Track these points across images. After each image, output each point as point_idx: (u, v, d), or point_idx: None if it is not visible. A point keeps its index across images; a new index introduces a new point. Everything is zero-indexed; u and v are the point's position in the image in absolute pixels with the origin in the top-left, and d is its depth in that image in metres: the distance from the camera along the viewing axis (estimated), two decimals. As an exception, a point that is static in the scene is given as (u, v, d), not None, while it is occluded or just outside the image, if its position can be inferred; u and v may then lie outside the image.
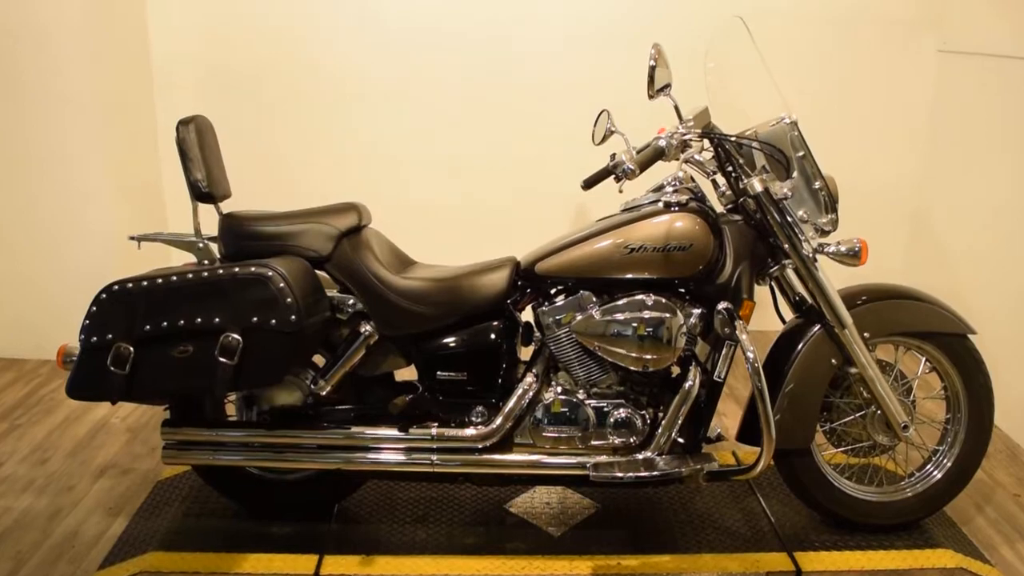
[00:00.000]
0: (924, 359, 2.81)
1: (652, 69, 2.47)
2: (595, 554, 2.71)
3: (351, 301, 2.69)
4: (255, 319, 2.46)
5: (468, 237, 4.58)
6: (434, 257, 3.00)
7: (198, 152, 2.67)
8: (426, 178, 4.65)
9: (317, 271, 2.69)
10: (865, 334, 2.69)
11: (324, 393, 2.69)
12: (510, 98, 4.59)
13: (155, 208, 4.51)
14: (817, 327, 2.70)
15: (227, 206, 2.79)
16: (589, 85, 4.46)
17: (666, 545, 2.75)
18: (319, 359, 2.80)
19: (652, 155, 2.47)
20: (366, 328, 2.67)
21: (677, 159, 2.59)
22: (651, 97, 2.50)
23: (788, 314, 2.85)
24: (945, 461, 2.83)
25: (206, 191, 2.66)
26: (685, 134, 2.54)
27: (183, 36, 4.49)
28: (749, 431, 2.74)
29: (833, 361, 2.70)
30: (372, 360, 2.73)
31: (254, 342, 2.46)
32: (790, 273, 2.75)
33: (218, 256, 2.74)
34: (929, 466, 2.85)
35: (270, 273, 2.47)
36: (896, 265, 4.59)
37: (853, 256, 2.58)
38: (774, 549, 2.74)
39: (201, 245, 2.71)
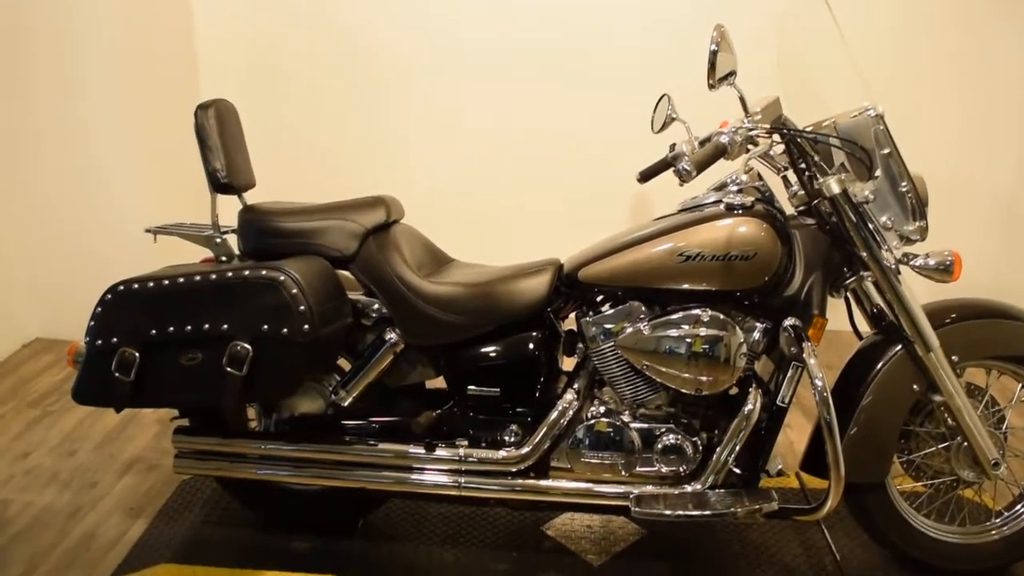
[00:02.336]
0: (1021, 386, 2.38)
1: (714, 54, 2.04)
2: (637, 589, 2.37)
3: (376, 306, 2.36)
4: (265, 327, 2.14)
5: (512, 232, 4.24)
6: (473, 254, 2.65)
7: (217, 139, 2.35)
8: (467, 168, 4.28)
9: (341, 271, 2.37)
10: (953, 357, 2.25)
11: (346, 404, 2.37)
12: (560, 81, 4.16)
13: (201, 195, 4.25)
14: (897, 347, 2.27)
15: (253, 196, 2.49)
16: (650, 68, 4.01)
17: (716, 583, 2.40)
18: (344, 362, 2.49)
19: (712, 154, 2.05)
20: (391, 336, 2.34)
21: (742, 157, 2.18)
22: (712, 87, 2.08)
23: (865, 328, 2.44)
24: (1040, 501, 2.40)
25: (225, 181, 2.34)
26: (751, 129, 2.11)
27: (221, 20, 4.21)
28: (814, 461, 2.34)
29: (915, 387, 2.27)
30: (398, 370, 2.40)
31: (264, 352, 2.15)
32: (869, 285, 2.34)
33: (237, 252, 2.45)
34: (1020, 506, 2.40)
35: (282, 278, 2.14)
36: (984, 277, 3.98)
37: (943, 271, 2.14)
38: (839, 594, 2.36)
39: (219, 240, 2.40)
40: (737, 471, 2.27)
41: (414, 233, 2.50)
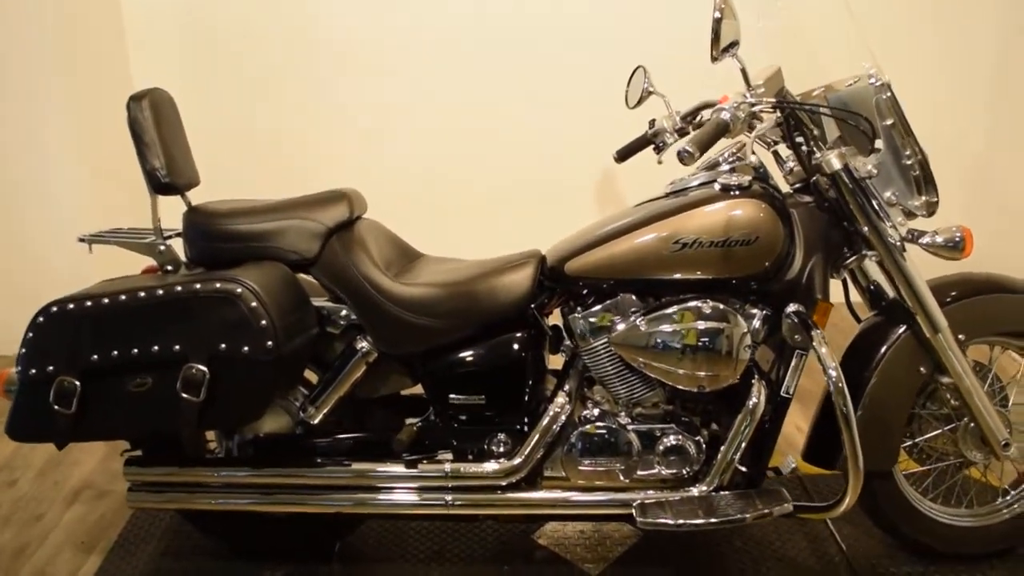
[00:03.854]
0: (1024, 361, 2.23)
1: (717, 23, 1.78)
2: (640, 598, 2.17)
3: (344, 312, 2.08)
4: (223, 346, 1.86)
5: (481, 222, 3.93)
6: (442, 247, 2.39)
7: (155, 134, 2.03)
8: (431, 155, 3.96)
9: (302, 275, 2.09)
10: (960, 336, 2.08)
11: (315, 421, 2.10)
12: (526, 57, 3.86)
13: (136, 196, 3.87)
14: (902, 328, 2.08)
15: (197, 196, 2.19)
16: (621, 39, 3.75)
17: (722, 584, 2.20)
18: (311, 374, 2.21)
19: (714, 132, 1.80)
20: (363, 344, 2.07)
21: (744, 134, 1.96)
22: (715, 59, 1.84)
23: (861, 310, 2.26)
24: (1048, 478, 2.26)
25: (166, 181, 2.02)
26: (755, 104, 1.88)
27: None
28: (818, 451, 2.17)
29: (922, 369, 2.09)
30: (371, 381, 2.12)
31: (223, 374, 1.87)
32: (868, 263, 2.15)
33: (183, 259, 2.14)
34: (1028, 484, 2.28)
35: (239, 290, 1.86)
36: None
37: (953, 248, 1.95)
38: (849, 587, 2.19)
39: (162, 247, 2.08)
40: (743, 469, 2.07)
41: (380, 229, 2.23)
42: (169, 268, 2.09)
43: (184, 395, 1.86)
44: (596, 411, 2.08)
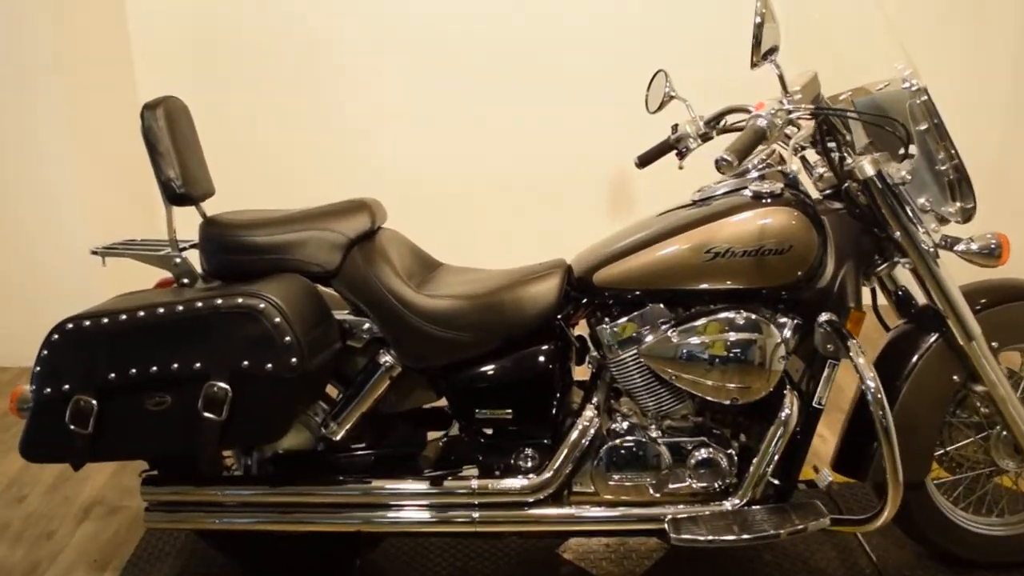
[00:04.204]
0: (1056, 367, 2.18)
1: (759, 27, 1.73)
2: (671, 614, 2.12)
3: (366, 325, 2.02)
4: (246, 363, 1.79)
5: (500, 229, 3.86)
6: (462, 257, 2.33)
7: (169, 143, 1.96)
8: (444, 163, 3.88)
9: (323, 288, 2.03)
10: (992, 343, 2.04)
11: (337, 437, 2.04)
12: (546, 61, 3.78)
13: (144, 205, 3.79)
14: (934, 336, 2.03)
15: (211, 207, 2.12)
16: (642, 43, 3.68)
17: (752, 598, 2.15)
18: (331, 389, 2.15)
19: (752, 139, 1.74)
20: (386, 359, 2.01)
21: (782, 143, 1.90)
22: (755, 64, 1.78)
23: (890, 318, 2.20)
24: (1078, 485, 2.22)
25: (181, 192, 1.96)
26: (792, 111, 1.83)
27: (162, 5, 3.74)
28: (847, 461, 2.12)
29: (955, 377, 2.04)
30: (394, 395, 2.06)
31: (246, 392, 1.80)
32: (898, 270, 2.10)
33: (200, 272, 2.08)
34: (1059, 491, 2.23)
35: (262, 305, 1.79)
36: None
37: (988, 255, 1.90)
38: (881, 599, 2.14)
39: (178, 260, 2.01)
40: (775, 482, 2.02)
41: (400, 239, 2.16)
42: (185, 281, 2.02)
43: (206, 414, 1.79)
44: (625, 424, 2.02)
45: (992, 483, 2.22)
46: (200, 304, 1.82)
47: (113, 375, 1.82)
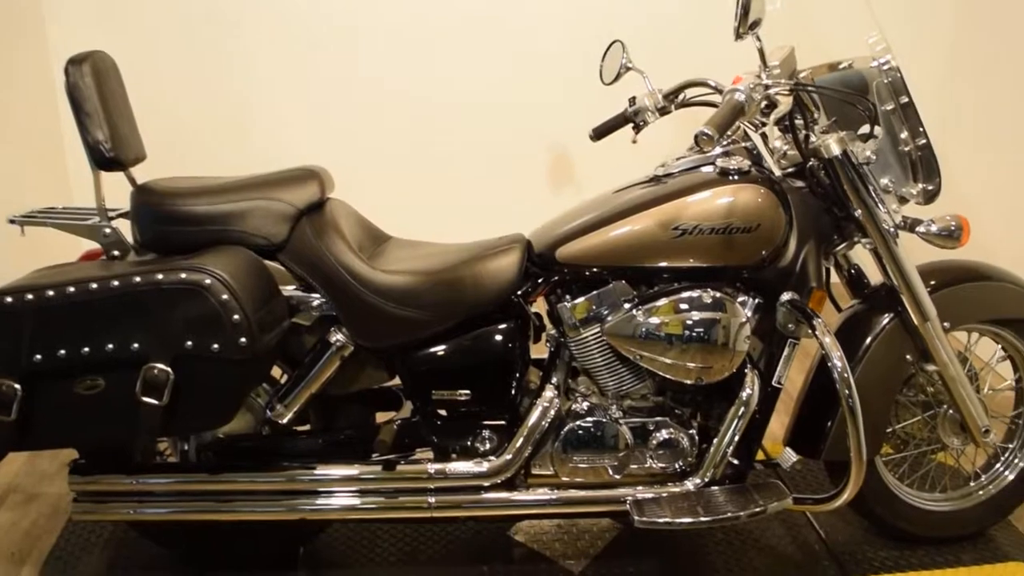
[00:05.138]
0: (1000, 347, 2.22)
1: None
2: (627, 595, 2.08)
3: (316, 302, 1.90)
4: (189, 344, 1.65)
5: (446, 201, 3.70)
6: (408, 230, 2.22)
7: (98, 103, 1.78)
8: (396, 131, 3.67)
9: (269, 262, 1.89)
10: (944, 324, 2.06)
11: (284, 420, 1.91)
12: (501, 32, 3.61)
13: (56, 172, 3.49)
14: (889, 316, 2.04)
15: (141, 173, 1.95)
16: (598, 13, 3.55)
17: (707, 576, 2.14)
18: (276, 369, 2.01)
19: (731, 113, 1.68)
20: (337, 338, 1.88)
21: (760, 118, 1.85)
22: (740, 36, 1.72)
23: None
24: (1017, 461, 2.23)
25: (111, 156, 1.78)
26: (771, 86, 1.77)
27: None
28: (802, 439, 2.11)
29: (908, 357, 2.06)
30: (345, 376, 1.94)
31: (190, 374, 1.66)
32: (854, 250, 2.10)
33: (131, 243, 1.91)
34: (999, 466, 2.25)
35: (208, 281, 1.65)
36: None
37: (949, 237, 1.90)
38: (831, 575, 2.15)
39: (108, 231, 1.84)
40: (734, 462, 2.00)
41: (349, 210, 2.03)
42: (116, 254, 1.85)
43: (145, 399, 1.65)
44: (585, 405, 1.96)
45: (935, 460, 2.27)
46: (138, 279, 1.66)
47: (39, 357, 1.64)
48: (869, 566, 2.16)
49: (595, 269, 1.91)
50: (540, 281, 1.97)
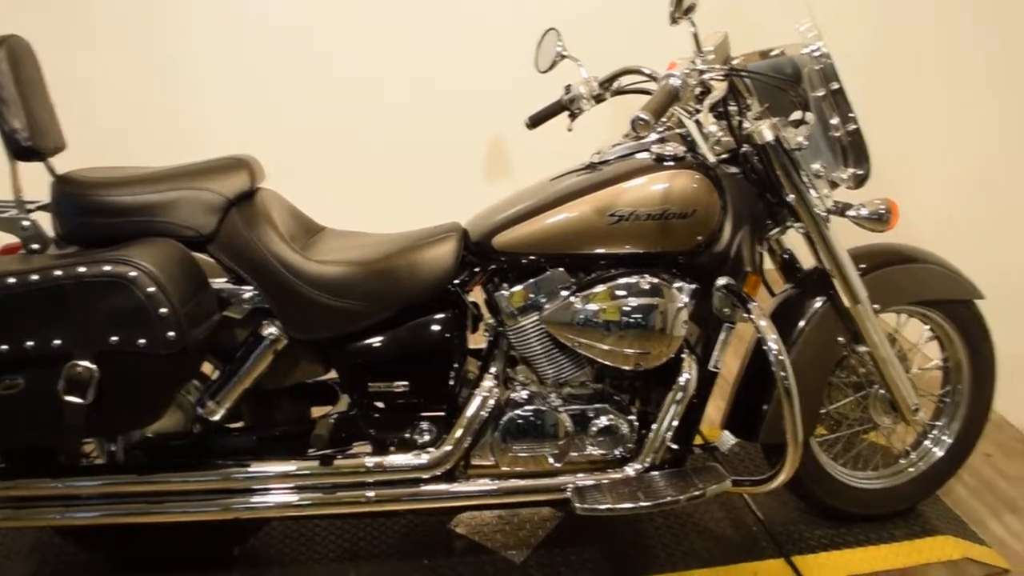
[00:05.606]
0: (927, 328, 2.28)
1: (684, -19, 1.68)
2: (569, 583, 2.07)
3: (248, 295, 1.84)
4: (115, 339, 1.59)
5: (378, 192, 3.62)
6: (339, 221, 2.17)
7: (14, 90, 1.69)
8: (331, 121, 3.56)
9: (197, 254, 1.83)
10: (875, 306, 2.10)
11: (216, 417, 1.86)
12: (437, 18, 3.54)
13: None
14: (821, 299, 2.08)
15: (61, 163, 1.87)
16: (533, 2, 3.50)
17: (648, 562, 2.11)
18: (207, 365, 1.94)
19: (666, 98, 1.67)
20: (270, 331, 1.83)
21: (694, 105, 1.85)
22: (675, 21, 1.72)
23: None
24: (945, 437, 2.31)
25: (28, 144, 1.70)
26: (705, 71, 1.78)
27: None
28: (739, 422, 2.14)
29: (840, 339, 2.10)
30: (278, 370, 1.89)
31: (115, 371, 1.60)
32: (785, 235, 2.13)
33: (52, 236, 1.83)
34: (927, 443, 2.31)
35: (133, 273, 1.58)
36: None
37: (878, 220, 1.93)
38: (769, 555, 2.14)
39: (27, 223, 1.76)
40: (673, 447, 2.01)
41: (280, 200, 1.97)
42: (35, 247, 1.76)
43: (68, 398, 1.58)
44: (524, 393, 1.95)
45: (867, 440, 2.32)
46: (59, 272, 1.58)
47: (-49, 355, 1.57)
48: (806, 545, 2.20)
49: (532, 257, 1.89)
50: (477, 270, 1.95)
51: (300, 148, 3.52)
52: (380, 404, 1.92)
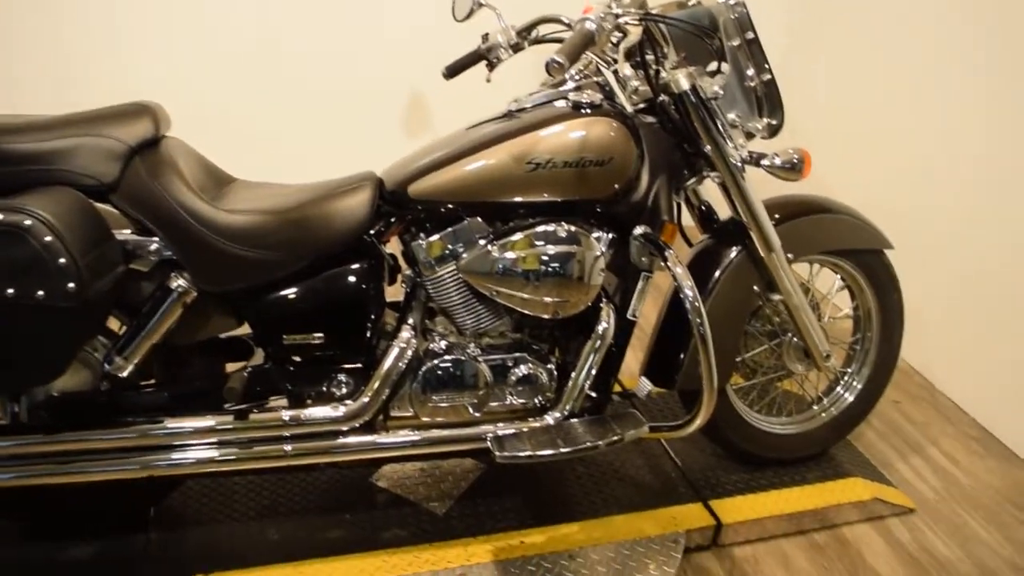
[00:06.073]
0: (839, 277, 2.33)
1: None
2: (491, 532, 2.05)
3: (154, 246, 1.77)
4: (11, 292, 1.51)
5: (295, 143, 3.50)
6: (254, 172, 2.10)
7: None
8: (245, 72, 3.41)
9: (99, 205, 1.75)
10: (788, 255, 2.12)
11: (125, 374, 1.80)
12: None
13: None
14: (736, 249, 2.10)
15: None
16: None
17: (570, 509, 2.14)
18: (114, 320, 1.88)
19: (581, 42, 1.65)
20: (178, 283, 1.77)
21: (611, 54, 1.84)
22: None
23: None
24: (855, 383, 2.38)
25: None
26: (620, 15, 1.76)
27: None
28: (657, 369, 2.17)
29: (755, 288, 2.13)
30: (189, 324, 1.84)
31: (12, 325, 1.53)
32: (702, 186, 2.14)
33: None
34: (839, 388, 2.38)
35: (28, 222, 1.51)
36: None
37: (791, 169, 1.95)
38: (688, 500, 2.19)
39: (-89, 173, 1.68)
40: (592, 395, 2.03)
41: (188, 149, 1.89)
42: (-78, 198, 1.68)
43: (-40, 353, 1.51)
44: (443, 344, 1.94)
45: (781, 387, 2.38)
46: (-54, 221, 1.50)
47: None
48: (723, 489, 2.25)
49: (450, 206, 1.86)
50: (393, 220, 1.92)
51: (217, 102, 3.37)
52: (296, 357, 1.88)
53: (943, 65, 2.88)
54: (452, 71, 2.24)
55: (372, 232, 1.90)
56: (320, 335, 1.86)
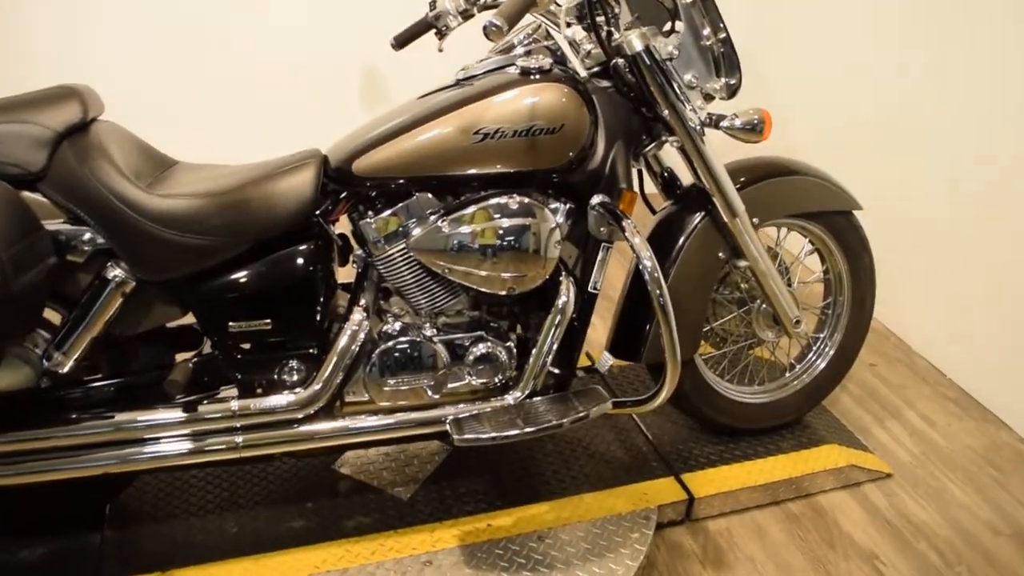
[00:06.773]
0: (808, 240, 2.26)
1: None
2: (458, 516, 1.98)
3: (87, 236, 1.68)
4: (-72, 288, 1.45)
5: (240, 123, 3.41)
6: (198, 155, 2.02)
7: None
8: (190, 52, 3.30)
9: (27, 194, 1.66)
10: (753, 220, 2.06)
11: (65, 369, 1.72)
12: None
13: None
14: (700, 215, 2.03)
15: None
16: None
17: (538, 490, 2.07)
18: (52, 314, 1.80)
19: (521, 3, 1.57)
20: (115, 273, 1.69)
21: (564, 17, 1.75)
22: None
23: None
24: (827, 349, 2.31)
25: None
26: (563, -26, 1.69)
27: None
28: (621, 344, 2.10)
29: (720, 255, 2.06)
30: (130, 315, 1.75)
31: (-69, 323, 1.46)
32: (664, 152, 2.06)
33: None
34: (811, 355, 2.32)
35: (-58, 214, 1.44)
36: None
37: (751, 131, 1.87)
38: (660, 474, 2.13)
39: None
40: (555, 372, 1.96)
41: (122, 132, 1.80)
42: None
43: None
44: (397, 325, 1.86)
45: (752, 355, 2.32)
46: None
47: None
48: (695, 462, 2.19)
49: (399, 181, 1.78)
50: (342, 198, 1.85)
51: (159, 84, 3.26)
52: (244, 345, 1.81)
53: (917, 22, 2.80)
54: (401, 42, 2.15)
55: (319, 212, 1.82)
56: (268, 321, 1.78)
